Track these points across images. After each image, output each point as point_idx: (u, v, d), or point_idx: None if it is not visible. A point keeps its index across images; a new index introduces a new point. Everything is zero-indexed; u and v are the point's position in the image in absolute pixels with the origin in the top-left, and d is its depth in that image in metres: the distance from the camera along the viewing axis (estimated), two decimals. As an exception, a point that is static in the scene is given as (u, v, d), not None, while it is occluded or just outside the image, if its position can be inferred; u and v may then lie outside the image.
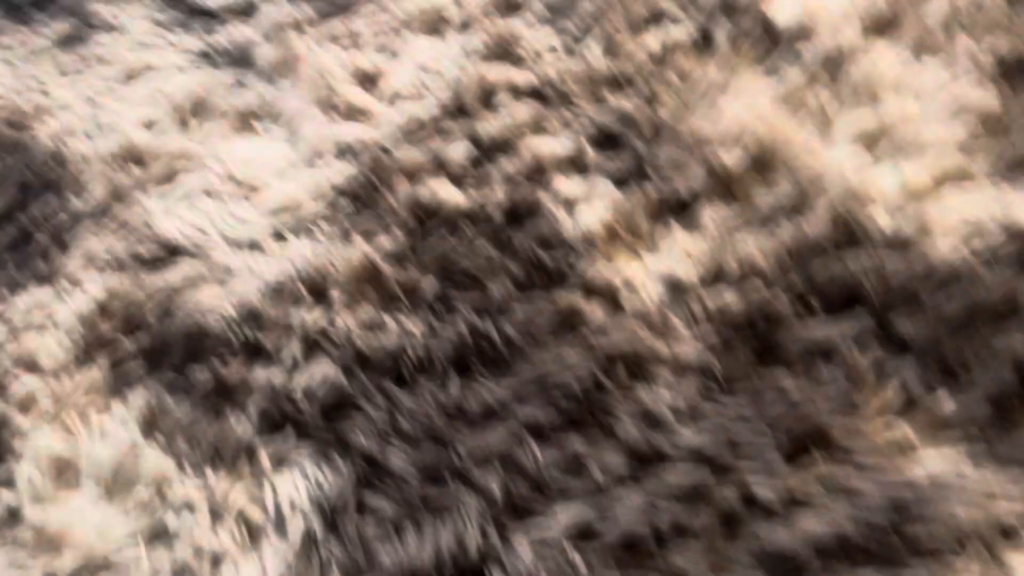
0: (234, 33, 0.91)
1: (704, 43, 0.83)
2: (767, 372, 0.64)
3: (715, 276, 0.69)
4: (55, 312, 0.71)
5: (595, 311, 0.69)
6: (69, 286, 0.73)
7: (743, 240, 0.70)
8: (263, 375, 0.68)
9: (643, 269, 0.70)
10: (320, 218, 0.76)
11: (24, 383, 0.68)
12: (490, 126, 0.80)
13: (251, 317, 0.71)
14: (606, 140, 0.78)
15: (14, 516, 0.63)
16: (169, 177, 0.80)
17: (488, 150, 0.79)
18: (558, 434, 0.64)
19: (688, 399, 0.64)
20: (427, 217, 0.75)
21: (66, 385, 0.67)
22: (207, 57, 0.89)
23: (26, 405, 0.67)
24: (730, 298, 0.67)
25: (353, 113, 0.83)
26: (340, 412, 0.66)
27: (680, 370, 0.65)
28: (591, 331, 0.68)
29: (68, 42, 0.92)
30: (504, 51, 0.85)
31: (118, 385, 0.68)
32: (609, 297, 0.69)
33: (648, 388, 0.65)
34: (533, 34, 0.86)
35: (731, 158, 0.74)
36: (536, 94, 0.82)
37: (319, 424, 0.66)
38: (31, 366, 0.69)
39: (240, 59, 0.88)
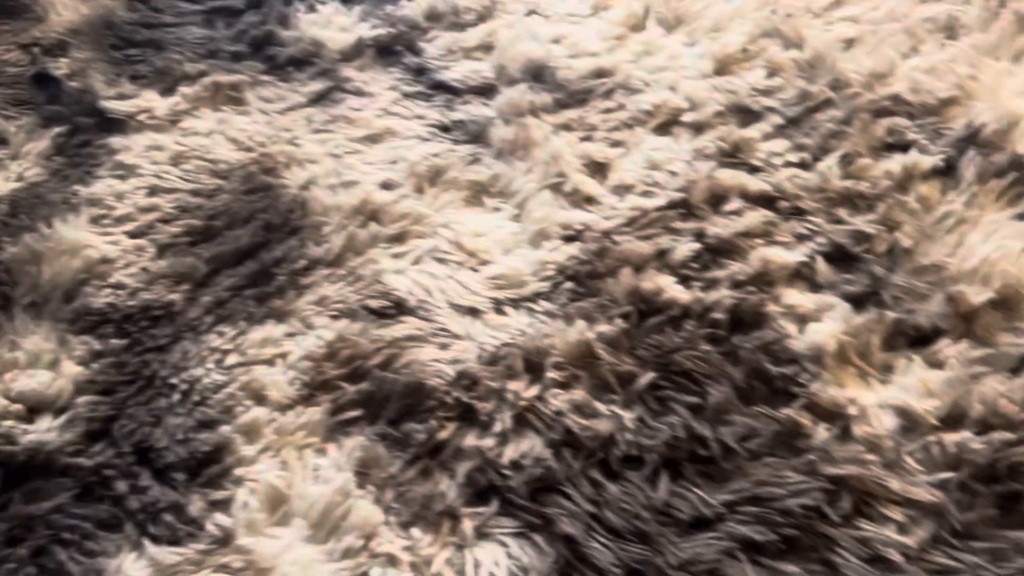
0: (473, 111, 0.95)
1: (949, 174, 0.81)
2: (1010, 527, 0.60)
3: (955, 417, 0.65)
4: (286, 350, 0.75)
5: (821, 433, 0.66)
6: (301, 327, 0.76)
7: (987, 383, 0.66)
8: (474, 441, 0.68)
9: (875, 398, 0.67)
10: (541, 296, 0.77)
11: (251, 412, 0.71)
12: (719, 228, 0.80)
13: (468, 382, 0.72)
14: (841, 258, 0.76)
15: (226, 541, 0.64)
16: (402, 237, 0.83)
17: (715, 252, 0.78)
18: (773, 558, 0.61)
19: (919, 543, 0.60)
20: (648, 309, 0.75)
21: (289, 421, 0.70)
22: (446, 130, 0.94)
23: (250, 434, 0.70)
24: (971, 442, 0.63)
25: (582, 200, 0.85)
26: (546, 492, 0.66)
27: (912, 511, 0.61)
28: (815, 454, 0.65)
29: (321, 101, 0.99)
30: (737, 157, 0.86)
31: (336, 429, 0.70)
32: (837, 421, 0.66)
33: (875, 525, 0.61)
34: (768, 144, 0.86)
35: (975, 296, 0.71)
36: (768, 203, 0.81)
37: (524, 501, 0.65)
38: (259, 397, 0.72)
39: (477, 136, 0.93)
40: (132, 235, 0.85)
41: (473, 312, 0.77)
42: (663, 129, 0.90)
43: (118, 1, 1.12)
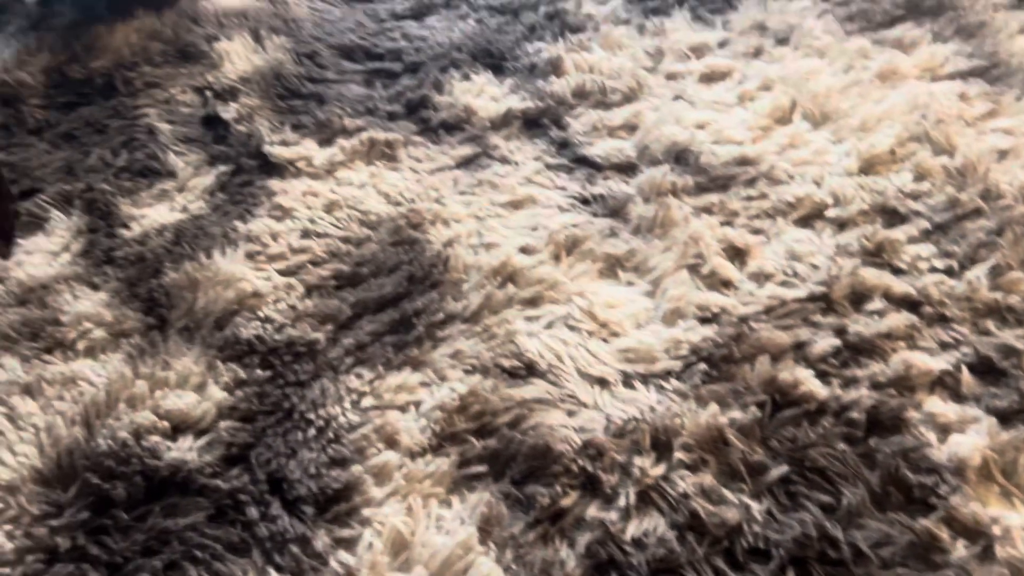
0: (614, 187, 0.98)
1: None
2: None
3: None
4: (419, 398, 0.77)
5: (959, 550, 0.63)
6: (435, 377, 0.78)
7: None
8: (596, 512, 0.68)
9: (1021, 520, 0.64)
10: (672, 374, 0.78)
11: (382, 456, 0.73)
12: (860, 327, 0.79)
13: (594, 452, 0.72)
14: (987, 371, 0.74)
15: (354, 578, 0.66)
16: (536, 301, 0.85)
17: (856, 350, 0.77)
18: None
19: None
20: (783, 401, 0.74)
21: (418, 468, 0.72)
22: (586, 203, 0.96)
23: (380, 476, 0.71)
24: None
25: (719, 283, 0.85)
26: (667, 574, 0.65)
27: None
28: (953, 571, 0.62)
29: (468, 165, 1.03)
30: (881, 257, 0.85)
31: (462, 482, 0.71)
32: (978, 540, 0.64)
33: (1018, 655, 0.58)
34: (914, 247, 0.85)
35: None
36: (912, 306, 0.80)
37: (645, 580, 0.64)
38: (391, 442, 0.74)
39: (616, 211, 0.95)
40: (283, 273, 0.89)
41: (602, 382, 0.78)
42: (805, 222, 0.90)
43: (287, 55, 1.20)
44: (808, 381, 0.75)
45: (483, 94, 1.12)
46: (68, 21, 1.33)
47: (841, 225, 0.89)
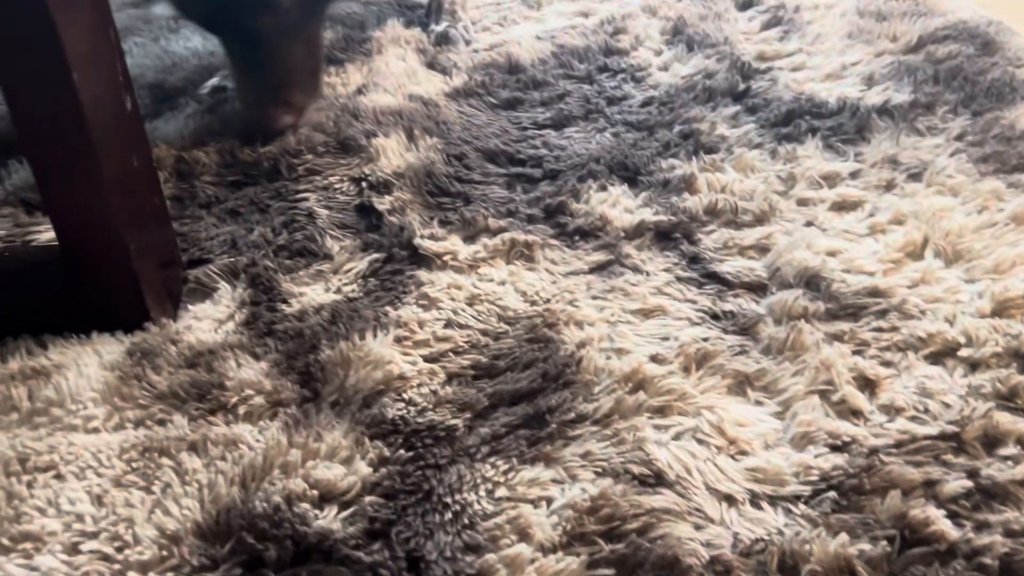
0: (744, 305, 1.01)
1: None
2: None
3: None
4: (551, 495, 0.80)
5: None
6: (567, 476, 0.82)
7: None
8: (721, 629, 0.70)
9: None
10: (801, 499, 0.79)
11: (515, 548, 0.76)
12: (993, 471, 0.79)
13: (721, 569, 0.74)
14: None
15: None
16: (665, 411, 0.88)
17: (989, 494, 0.77)
18: None
19: None
20: (913, 538, 0.75)
21: (549, 564, 0.75)
22: (716, 318, 1.00)
23: (513, 567, 0.74)
24: None
25: (848, 412, 0.87)
26: None
27: None
28: None
29: (601, 271, 1.08)
30: (1015, 403, 0.85)
31: (590, 583, 0.74)
32: None
33: None
34: (1050, 396, 0.85)
35: None
36: (1049, 457, 0.80)
37: None
38: (523, 535, 0.77)
39: (746, 329, 0.98)
40: (427, 359, 0.95)
41: (729, 499, 0.80)
42: (936, 358, 0.92)
43: (439, 155, 1.30)
44: (939, 521, 0.75)
45: (618, 205, 1.18)
46: (238, 108, 1.46)
47: (973, 366, 0.90)
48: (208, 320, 1.03)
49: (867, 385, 0.89)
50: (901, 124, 1.31)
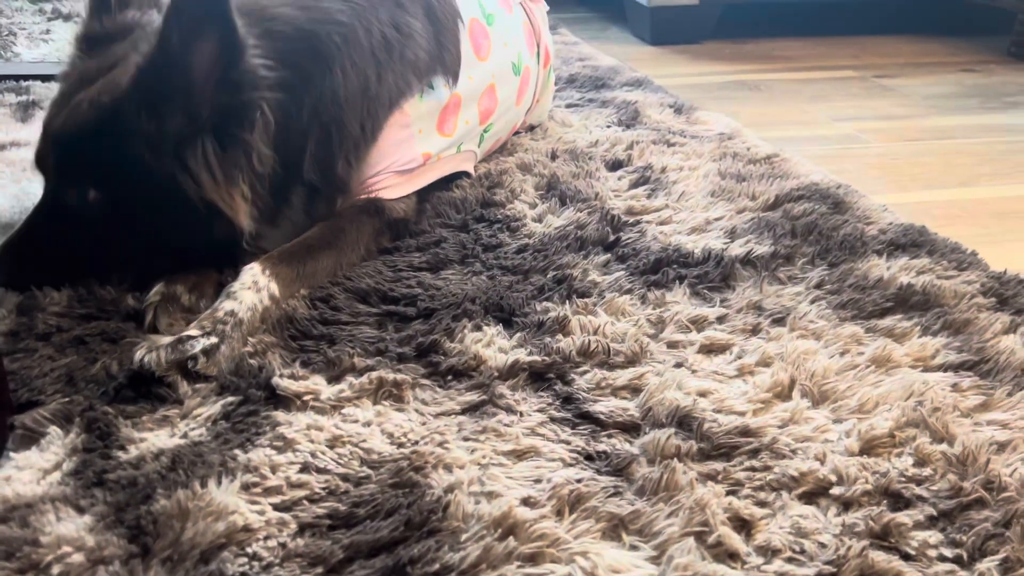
0: (618, 446, 0.98)
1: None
2: None
3: None
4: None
5: None
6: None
7: None
8: None
9: None
10: (680, 652, 0.73)
11: None
12: (873, 614, 0.76)
13: None
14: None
15: None
16: (536, 559, 0.82)
17: (870, 639, 0.74)
18: None
19: None
20: None
21: None
22: (590, 459, 0.96)
23: None
24: None
25: (725, 554, 0.83)
26: None
27: None
28: None
29: (473, 411, 1.04)
30: (888, 541, 0.84)
31: None
32: None
33: None
34: (921, 533, 0.84)
35: None
36: (925, 595, 0.78)
37: None
38: None
39: (620, 469, 0.94)
40: (278, 508, 0.87)
41: (605, 655, 0.73)
42: (809, 498, 0.90)
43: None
44: (823, 669, 0.71)
45: (492, 345, 1.16)
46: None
47: (846, 504, 0.89)
48: (31, 470, 0.91)
49: (743, 526, 0.86)
50: (763, 273, 1.36)
